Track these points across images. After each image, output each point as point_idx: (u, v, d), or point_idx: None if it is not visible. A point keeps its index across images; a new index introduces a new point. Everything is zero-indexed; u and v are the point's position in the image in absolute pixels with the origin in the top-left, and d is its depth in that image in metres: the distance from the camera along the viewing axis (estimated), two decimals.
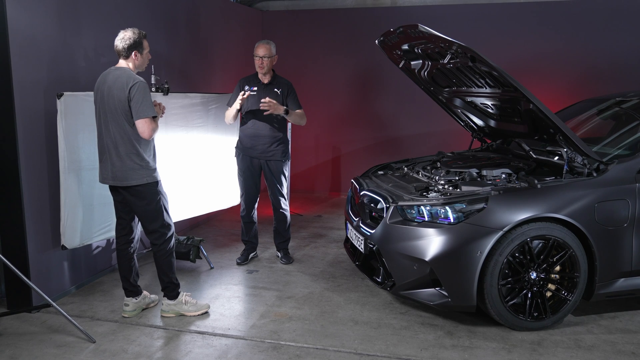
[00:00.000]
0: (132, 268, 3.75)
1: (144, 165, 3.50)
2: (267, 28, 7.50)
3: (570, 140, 3.57)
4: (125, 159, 3.47)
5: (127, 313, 3.72)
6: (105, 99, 3.45)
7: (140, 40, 3.52)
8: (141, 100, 3.38)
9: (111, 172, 3.52)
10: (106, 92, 3.45)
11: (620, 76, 6.44)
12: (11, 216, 3.69)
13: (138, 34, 3.51)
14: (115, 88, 3.40)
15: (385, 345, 3.31)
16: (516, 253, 3.35)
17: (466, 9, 6.87)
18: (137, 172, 3.48)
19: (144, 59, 3.58)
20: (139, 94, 3.38)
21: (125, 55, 3.50)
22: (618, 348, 3.26)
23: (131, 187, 3.51)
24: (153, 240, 3.64)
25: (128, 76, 3.42)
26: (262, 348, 3.29)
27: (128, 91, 3.38)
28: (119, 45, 3.49)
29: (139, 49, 3.51)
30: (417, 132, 7.23)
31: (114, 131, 3.46)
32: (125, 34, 3.48)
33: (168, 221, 3.65)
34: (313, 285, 4.29)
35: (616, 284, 3.54)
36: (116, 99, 3.41)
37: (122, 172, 3.48)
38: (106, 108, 3.46)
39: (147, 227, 3.61)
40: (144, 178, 3.50)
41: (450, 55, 3.78)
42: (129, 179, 3.49)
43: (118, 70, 3.49)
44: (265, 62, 4.47)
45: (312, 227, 6.01)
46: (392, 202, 3.66)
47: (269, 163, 4.60)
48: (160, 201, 3.59)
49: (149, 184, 3.53)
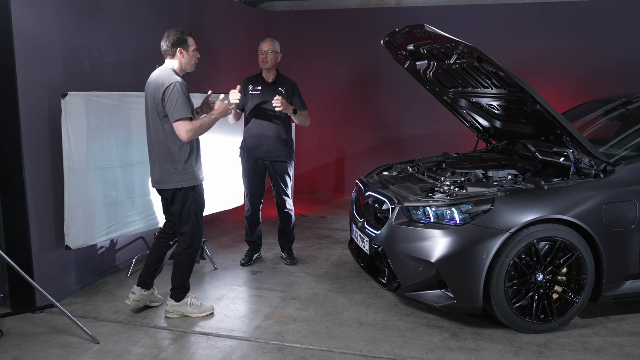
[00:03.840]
0: (160, 262, 3.78)
1: (180, 169, 3.48)
2: (271, 28, 7.49)
3: (577, 141, 3.55)
4: (161, 162, 3.49)
5: (131, 301, 3.72)
6: (149, 101, 3.47)
7: (185, 37, 3.50)
8: (175, 101, 3.34)
9: (152, 174, 3.57)
10: (149, 94, 3.46)
11: (626, 77, 6.41)
12: (15, 216, 3.69)
13: (182, 32, 3.50)
14: (155, 89, 3.42)
15: (391, 347, 3.29)
16: (522, 254, 3.33)
17: (470, 10, 6.85)
18: (172, 176, 3.48)
19: (191, 57, 3.56)
20: (173, 95, 3.34)
21: (171, 54, 3.50)
22: (625, 351, 3.24)
23: (166, 190, 3.52)
24: (180, 242, 3.66)
25: (166, 76, 3.42)
26: (266, 349, 3.28)
27: (163, 92, 3.37)
28: (163, 44, 3.50)
29: (183, 45, 3.49)
30: (421, 133, 7.21)
31: (153, 134, 3.49)
32: (170, 33, 3.49)
33: (197, 229, 3.64)
34: (317, 286, 4.27)
35: (623, 286, 3.51)
36: (154, 100, 3.42)
37: (159, 176, 3.51)
38: (149, 110, 3.48)
39: (178, 228, 3.64)
40: (179, 182, 3.49)
41: (457, 55, 3.76)
42: (164, 182, 3.51)
43: (160, 71, 3.50)
44: (269, 57, 4.46)
45: (316, 228, 5.99)
46: (398, 202, 3.64)
47: (274, 163, 4.59)
48: (192, 207, 3.57)
49: (184, 188, 3.51)
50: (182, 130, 3.37)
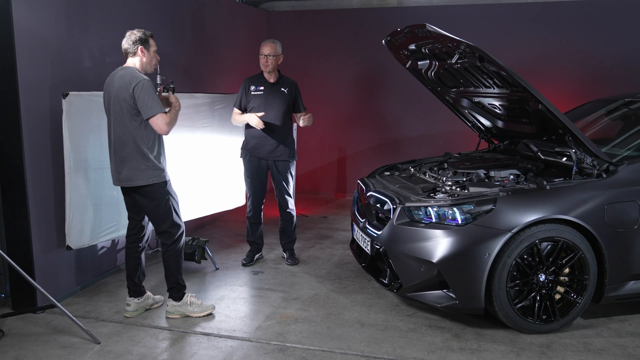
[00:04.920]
0: (139, 267, 3.75)
1: (150, 165, 3.48)
2: (272, 28, 7.48)
3: (579, 141, 3.53)
4: (131, 159, 3.46)
5: (129, 313, 3.71)
6: (112, 100, 3.44)
7: (146, 38, 3.52)
8: (147, 98, 3.36)
9: (117, 172, 3.52)
10: (113, 92, 3.44)
11: (629, 77, 6.38)
12: (16, 216, 3.68)
13: (144, 32, 3.52)
14: (120, 88, 3.40)
15: (392, 348, 3.28)
16: (525, 255, 3.31)
17: (472, 9, 6.83)
18: (144, 173, 3.47)
19: (151, 57, 3.56)
20: (144, 93, 3.36)
21: (132, 52, 3.50)
22: (628, 352, 3.22)
23: (139, 187, 3.49)
24: (163, 241, 3.64)
25: (132, 75, 3.41)
26: (267, 350, 3.27)
27: (132, 90, 3.36)
28: (125, 43, 3.50)
29: (145, 45, 3.50)
30: (423, 133, 7.19)
31: (119, 132, 3.45)
32: (132, 32, 3.50)
33: (178, 222, 3.63)
34: (319, 286, 4.26)
35: (626, 286, 3.49)
36: (121, 99, 3.40)
37: (129, 173, 3.47)
38: (112, 109, 3.46)
39: (157, 227, 3.62)
40: (151, 178, 3.49)
41: (458, 55, 3.75)
42: (135, 180, 3.47)
43: (123, 70, 3.48)
44: (270, 61, 4.45)
45: (317, 228, 5.98)
46: (399, 203, 3.63)
47: (277, 163, 4.58)
48: (169, 201, 3.57)
49: (157, 184, 3.51)
50: (162, 124, 3.39)
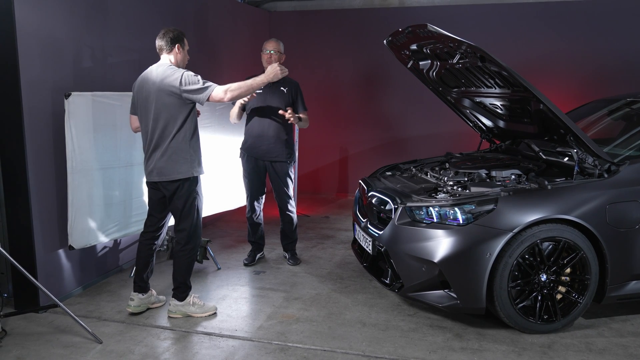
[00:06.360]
0: (149, 264, 3.77)
1: (189, 158, 3.54)
2: (274, 28, 7.49)
3: (581, 141, 3.53)
4: (171, 153, 3.50)
5: (132, 308, 3.72)
6: (152, 95, 3.47)
7: (182, 37, 3.60)
8: (197, 81, 3.45)
9: (156, 167, 3.54)
10: (154, 88, 3.47)
11: (631, 76, 6.38)
12: (19, 216, 3.69)
13: (179, 31, 3.60)
14: (164, 82, 3.44)
15: (394, 348, 3.28)
16: (526, 255, 3.31)
17: (474, 10, 6.83)
18: (183, 166, 3.52)
19: (185, 55, 3.65)
20: (192, 78, 3.45)
21: (168, 49, 3.56)
22: (630, 352, 3.22)
23: (174, 181, 3.53)
24: (179, 239, 3.65)
25: (173, 69, 3.49)
26: (269, 350, 3.28)
27: (179, 83, 3.42)
28: (161, 40, 3.55)
29: (181, 43, 3.58)
30: (425, 133, 7.19)
31: (162, 126, 3.48)
32: (166, 30, 3.56)
33: (198, 224, 3.67)
34: (320, 286, 4.27)
35: (628, 286, 3.49)
36: (165, 93, 3.44)
37: (169, 167, 3.50)
38: (152, 104, 3.48)
39: (178, 224, 3.64)
40: (189, 171, 3.54)
41: (460, 55, 3.75)
42: (175, 173, 3.51)
43: (161, 67, 3.53)
44: (273, 57, 4.46)
45: (319, 228, 5.99)
46: (401, 203, 3.63)
47: (274, 164, 4.57)
48: (195, 200, 3.62)
49: (191, 179, 3.56)
50: (220, 93, 3.49)
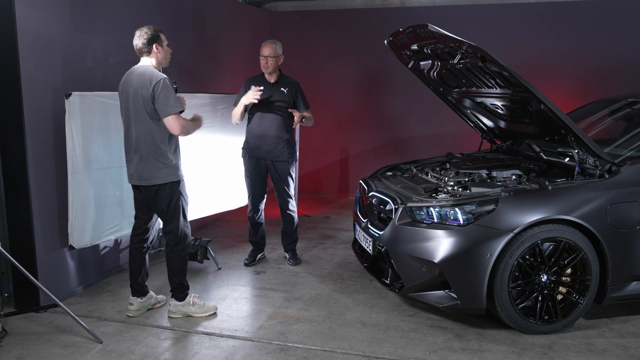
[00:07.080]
0: (142, 268, 3.76)
1: (168, 163, 3.52)
2: (275, 29, 7.49)
3: (581, 141, 3.53)
4: (151, 158, 3.48)
5: (132, 312, 3.72)
6: (131, 99, 3.47)
7: (157, 34, 3.54)
8: (166, 97, 3.39)
9: (136, 171, 3.54)
10: (132, 91, 3.46)
11: (632, 77, 6.37)
12: (19, 216, 3.70)
13: (154, 29, 3.54)
14: (140, 86, 3.42)
15: (394, 348, 3.28)
16: (527, 255, 3.31)
17: (474, 10, 6.82)
18: (161, 171, 3.50)
19: (166, 52, 3.60)
20: (163, 92, 3.39)
21: (147, 51, 3.52)
22: (630, 352, 3.21)
23: (154, 185, 3.52)
24: (168, 241, 3.65)
25: (151, 74, 3.44)
26: (269, 350, 3.27)
27: (152, 89, 3.39)
28: (138, 43, 3.51)
29: (158, 41, 3.53)
30: (425, 133, 7.19)
31: (139, 130, 3.48)
32: (141, 31, 3.51)
33: (185, 224, 3.66)
34: (321, 286, 4.26)
35: (628, 287, 3.49)
36: (141, 97, 3.42)
37: (147, 172, 3.50)
38: (131, 107, 3.48)
39: (165, 226, 3.63)
40: (168, 177, 3.52)
41: (460, 55, 3.75)
42: (154, 178, 3.50)
43: (141, 69, 3.50)
44: (270, 62, 4.45)
45: (320, 228, 5.98)
46: (401, 203, 3.63)
47: (275, 164, 4.58)
48: (179, 201, 3.60)
49: (172, 182, 3.55)
50: (175, 124, 3.43)
